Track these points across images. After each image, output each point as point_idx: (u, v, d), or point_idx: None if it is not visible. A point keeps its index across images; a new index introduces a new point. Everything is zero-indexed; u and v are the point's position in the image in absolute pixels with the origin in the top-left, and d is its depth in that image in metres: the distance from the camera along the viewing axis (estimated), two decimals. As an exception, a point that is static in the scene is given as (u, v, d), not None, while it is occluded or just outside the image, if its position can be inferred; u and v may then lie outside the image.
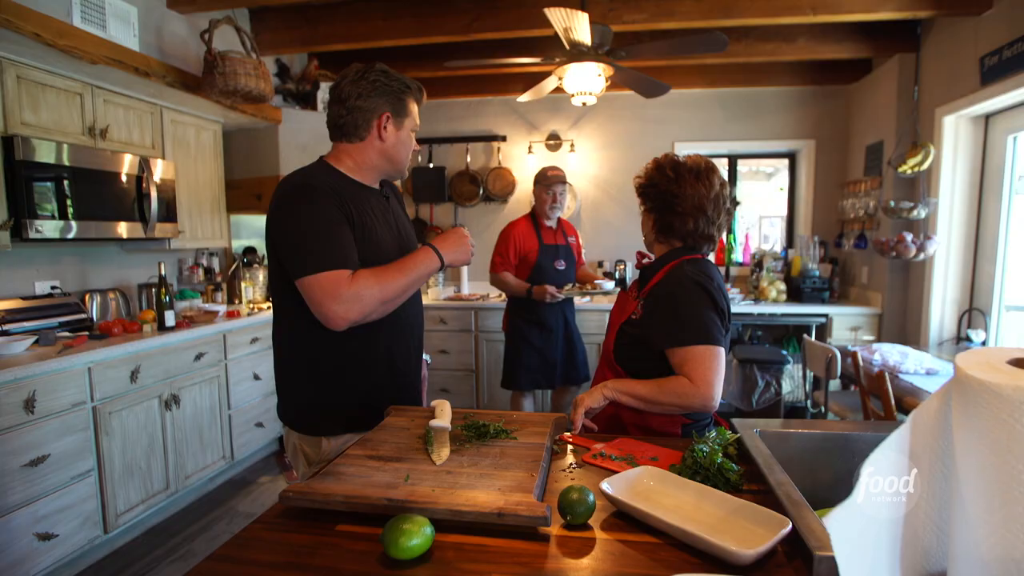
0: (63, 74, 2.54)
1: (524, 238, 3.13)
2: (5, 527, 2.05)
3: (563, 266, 3.15)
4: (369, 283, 1.29)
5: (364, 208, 1.41)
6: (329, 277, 1.27)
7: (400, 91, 1.43)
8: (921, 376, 2.51)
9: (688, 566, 0.78)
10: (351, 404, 1.43)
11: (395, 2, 3.39)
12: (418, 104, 1.50)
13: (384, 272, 1.33)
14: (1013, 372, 0.48)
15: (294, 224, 1.32)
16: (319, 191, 1.33)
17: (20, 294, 2.67)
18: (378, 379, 1.46)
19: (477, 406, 4.36)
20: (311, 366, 1.41)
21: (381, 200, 1.51)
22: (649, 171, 1.47)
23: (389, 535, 0.79)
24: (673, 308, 1.33)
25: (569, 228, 3.31)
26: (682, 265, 1.40)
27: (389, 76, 1.42)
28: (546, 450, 1.11)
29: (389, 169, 1.50)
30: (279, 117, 3.71)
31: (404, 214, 1.65)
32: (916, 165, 3.36)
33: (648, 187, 1.45)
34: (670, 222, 1.43)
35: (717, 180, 1.42)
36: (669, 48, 2.79)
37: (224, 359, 3.20)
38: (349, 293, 1.27)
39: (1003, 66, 2.76)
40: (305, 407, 1.45)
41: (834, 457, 1.17)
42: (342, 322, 1.29)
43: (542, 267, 3.11)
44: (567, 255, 3.19)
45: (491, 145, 4.78)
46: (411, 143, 1.50)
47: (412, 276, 1.36)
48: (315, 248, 1.29)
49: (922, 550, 0.56)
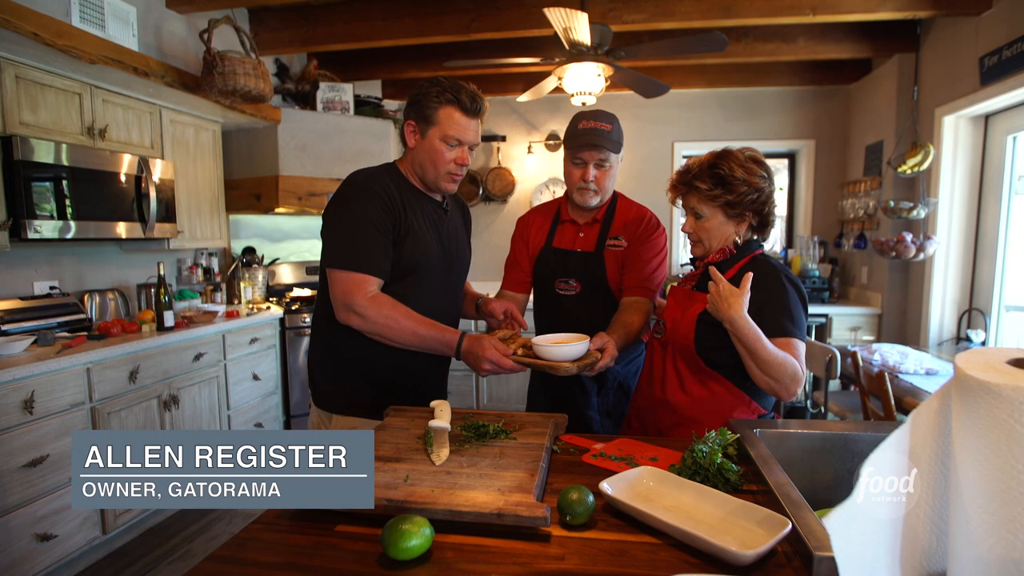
0: (62, 74, 2.53)
1: (535, 233, 1.84)
2: (4, 528, 2.05)
3: (574, 290, 1.73)
4: (383, 313, 1.36)
5: (417, 213, 1.46)
6: (353, 278, 1.36)
7: (428, 99, 1.41)
8: (921, 376, 2.51)
9: (688, 566, 0.78)
10: (366, 390, 1.49)
11: (395, 2, 3.39)
12: (465, 113, 1.42)
13: (402, 316, 1.37)
14: (1013, 372, 0.47)
15: (340, 217, 1.40)
16: (373, 193, 1.39)
17: (19, 294, 2.66)
18: (398, 371, 1.49)
19: (477, 406, 4.36)
20: (336, 347, 1.49)
21: (437, 210, 1.54)
22: (749, 180, 1.35)
23: (388, 536, 0.79)
24: (778, 298, 1.33)
25: (629, 219, 1.76)
26: (764, 259, 1.41)
27: (429, 84, 1.43)
28: (546, 450, 1.11)
29: (424, 178, 1.49)
30: (278, 117, 3.71)
31: (463, 231, 1.69)
32: (916, 165, 3.36)
33: (753, 193, 1.36)
34: (766, 219, 1.42)
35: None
36: (669, 48, 2.79)
37: (223, 359, 3.19)
38: (361, 306, 1.35)
39: (1003, 66, 2.76)
40: (326, 385, 1.53)
41: (834, 457, 1.16)
42: (342, 320, 1.38)
43: (537, 287, 1.84)
44: (590, 271, 1.72)
45: (491, 145, 4.77)
46: (444, 153, 1.43)
47: (422, 340, 1.38)
48: (350, 245, 1.37)
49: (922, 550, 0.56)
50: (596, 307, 1.72)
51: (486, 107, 1.47)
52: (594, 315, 1.70)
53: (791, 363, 1.26)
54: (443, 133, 1.42)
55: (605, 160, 1.67)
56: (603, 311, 1.71)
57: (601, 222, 1.75)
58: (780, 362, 1.25)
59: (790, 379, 1.26)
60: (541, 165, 4.76)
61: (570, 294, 1.74)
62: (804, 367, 1.29)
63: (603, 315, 1.70)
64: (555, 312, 1.77)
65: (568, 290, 1.74)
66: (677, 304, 1.48)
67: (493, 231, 4.87)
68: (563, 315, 1.73)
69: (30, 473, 2.13)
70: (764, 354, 1.25)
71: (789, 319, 1.31)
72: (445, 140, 1.43)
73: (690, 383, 1.40)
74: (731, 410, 1.38)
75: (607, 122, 1.67)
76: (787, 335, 1.29)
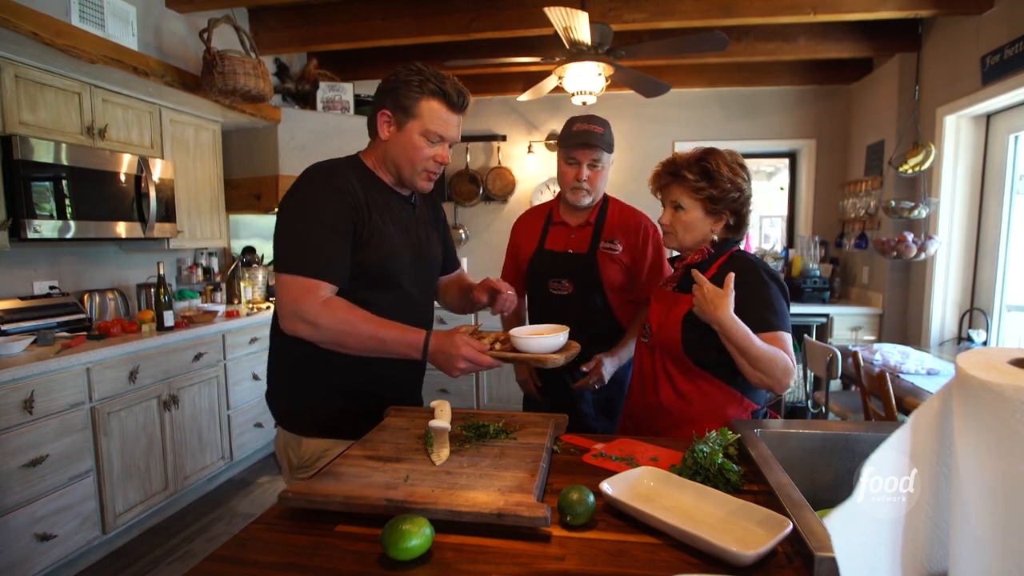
0: (61, 73, 2.53)
1: (526, 237, 1.92)
2: (4, 528, 2.05)
3: (566, 290, 1.80)
4: (337, 318, 1.21)
5: (383, 210, 1.33)
6: (303, 284, 1.21)
7: (409, 89, 1.27)
8: (922, 376, 2.51)
9: (688, 567, 0.78)
10: (332, 407, 1.36)
11: (395, 2, 3.39)
12: (451, 107, 1.30)
13: (359, 320, 1.22)
14: (1014, 372, 0.47)
15: (292, 215, 1.26)
16: (333, 190, 1.26)
17: (18, 294, 2.66)
18: (363, 384, 1.37)
19: (477, 406, 4.36)
20: (295, 360, 1.36)
21: (405, 205, 1.41)
22: (733, 179, 1.38)
23: (388, 536, 0.79)
24: (760, 294, 1.34)
25: (625, 224, 1.82)
26: (741, 255, 1.42)
27: (409, 72, 1.28)
28: (546, 450, 1.11)
29: (396, 174, 1.36)
30: (278, 117, 3.71)
31: (435, 223, 1.55)
32: (917, 165, 3.35)
33: (735, 192, 1.39)
34: (742, 219, 1.44)
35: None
36: (669, 47, 2.79)
37: (223, 359, 3.19)
38: (311, 313, 1.20)
39: (1004, 65, 2.76)
40: (287, 403, 1.40)
41: (835, 457, 1.16)
42: (290, 332, 1.23)
43: (530, 288, 1.93)
44: (582, 272, 1.79)
45: (491, 145, 4.77)
46: (423, 150, 1.31)
47: (384, 344, 1.23)
48: (301, 247, 1.23)
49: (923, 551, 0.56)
50: (589, 307, 1.80)
51: (471, 101, 1.36)
52: (587, 315, 1.77)
53: (781, 357, 1.27)
54: (424, 128, 1.29)
55: (598, 160, 1.74)
56: (596, 311, 1.80)
57: (593, 224, 1.82)
58: (770, 358, 1.26)
59: (782, 373, 1.27)
60: (541, 165, 4.76)
61: (563, 294, 1.81)
62: (793, 358, 1.30)
63: (596, 315, 1.80)
64: (549, 312, 1.82)
65: (561, 290, 1.81)
66: (661, 307, 1.49)
67: (493, 231, 4.87)
68: (557, 315, 1.76)
69: (30, 473, 2.13)
70: (754, 351, 1.26)
71: (773, 313, 1.33)
72: (426, 135, 1.30)
73: (681, 384, 1.41)
74: (724, 408, 1.39)
75: (600, 125, 1.76)
76: (772, 329, 1.31)
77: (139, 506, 2.63)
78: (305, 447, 1.37)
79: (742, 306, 1.28)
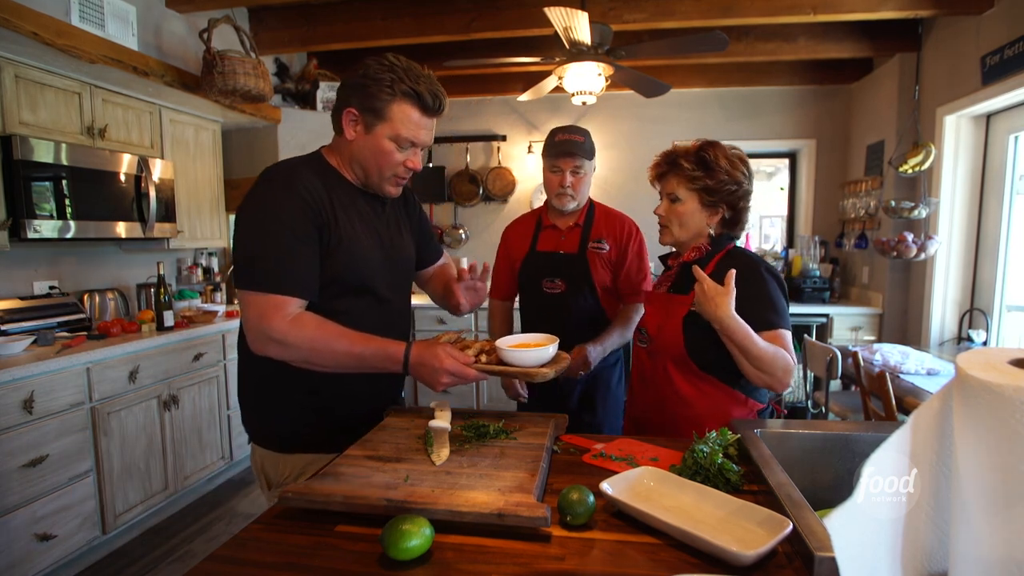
0: (61, 73, 2.53)
1: (517, 242, 2.02)
2: (4, 528, 2.05)
3: (559, 288, 1.89)
4: (306, 336, 1.12)
5: (351, 215, 1.24)
6: (269, 301, 1.11)
7: (379, 88, 1.16)
8: (922, 376, 2.51)
9: (688, 567, 0.78)
10: (307, 423, 1.28)
11: (394, 2, 3.39)
12: (425, 111, 1.20)
13: (332, 337, 1.13)
14: (1014, 372, 0.47)
15: (252, 224, 1.16)
16: (294, 193, 1.15)
17: (18, 294, 2.66)
18: (338, 400, 1.29)
19: (477, 407, 4.36)
20: (265, 377, 1.27)
21: (373, 203, 1.32)
22: (731, 171, 1.37)
23: (388, 536, 0.79)
24: (760, 291, 1.33)
25: (611, 225, 1.94)
26: (740, 252, 1.41)
27: (380, 68, 1.17)
28: (546, 450, 1.11)
29: (362, 176, 1.27)
30: (278, 117, 3.71)
31: (408, 218, 1.46)
32: (917, 165, 3.35)
33: (732, 185, 1.37)
34: (740, 215, 1.42)
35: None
36: (669, 48, 2.79)
37: (223, 359, 3.19)
38: (280, 332, 1.11)
39: (1004, 65, 2.76)
40: (257, 420, 1.33)
41: (835, 457, 1.16)
42: (258, 351, 1.15)
43: (524, 288, 1.99)
44: (573, 270, 1.89)
45: (491, 145, 4.77)
46: (393, 155, 1.21)
47: (361, 360, 1.15)
48: (264, 261, 1.13)
49: (923, 550, 0.56)
50: (580, 304, 1.89)
51: (447, 103, 1.25)
52: (579, 311, 1.88)
53: (782, 356, 1.26)
54: (395, 132, 1.19)
55: (580, 167, 1.85)
56: (587, 308, 1.89)
57: (582, 226, 1.93)
58: (771, 357, 1.25)
59: (783, 372, 1.26)
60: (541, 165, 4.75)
61: (556, 292, 1.89)
62: (794, 356, 1.29)
63: (587, 311, 1.89)
64: (542, 310, 1.92)
65: (554, 288, 1.90)
66: (657, 310, 1.48)
67: (493, 231, 4.87)
68: (549, 312, 1.88)
69: (30, 473, 2.13)
70: (755, 350, 1.25)
71: (773, 311, 1.32)
72: (396, 140, 1.20)
73: (684, 388, 1.39)
74: (728, 409, 1.38)
75: (580, 135, 1.86)
76: (773, 327, 1.30)
77: (139, 506, 2.63)
78: (283, 465, 1.29)
79: (742, 304, 1.27)
